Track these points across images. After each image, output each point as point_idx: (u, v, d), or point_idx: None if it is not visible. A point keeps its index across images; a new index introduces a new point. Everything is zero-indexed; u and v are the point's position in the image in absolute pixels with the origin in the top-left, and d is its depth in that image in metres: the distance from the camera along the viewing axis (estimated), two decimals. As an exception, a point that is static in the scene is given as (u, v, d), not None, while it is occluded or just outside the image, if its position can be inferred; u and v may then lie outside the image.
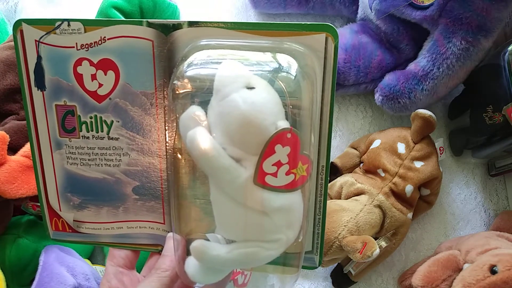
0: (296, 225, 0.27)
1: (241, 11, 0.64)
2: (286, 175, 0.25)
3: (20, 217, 0.49)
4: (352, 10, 0.59)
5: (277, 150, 0.24)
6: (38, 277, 0.43)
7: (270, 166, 0.24)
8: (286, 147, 0.24)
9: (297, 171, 0.25)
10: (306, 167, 0.25)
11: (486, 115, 0.51)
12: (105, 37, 0.28)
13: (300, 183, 0.25)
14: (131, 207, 0.32)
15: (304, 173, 0.25)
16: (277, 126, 0.24)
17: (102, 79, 0.29)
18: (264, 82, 0.25)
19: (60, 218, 0.33)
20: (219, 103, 0.25)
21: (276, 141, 0.24)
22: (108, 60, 0.29)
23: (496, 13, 0.48)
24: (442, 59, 0.50)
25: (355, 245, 0.44)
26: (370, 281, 0.58)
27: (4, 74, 0.47)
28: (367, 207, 0.49)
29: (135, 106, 0.30)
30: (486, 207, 0.60)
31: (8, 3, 0.64)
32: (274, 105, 0.25)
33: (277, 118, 0.25)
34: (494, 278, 0.40)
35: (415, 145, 0.52)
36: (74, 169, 0.32)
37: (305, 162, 0.25)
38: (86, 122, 0.30)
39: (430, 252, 0.57)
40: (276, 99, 0.25)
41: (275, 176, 0.25)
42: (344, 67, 0.55)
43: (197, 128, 0.25)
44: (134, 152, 0.31)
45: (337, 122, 0.61)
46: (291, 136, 0.24)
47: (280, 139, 0.24)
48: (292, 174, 0.25)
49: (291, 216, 0.26)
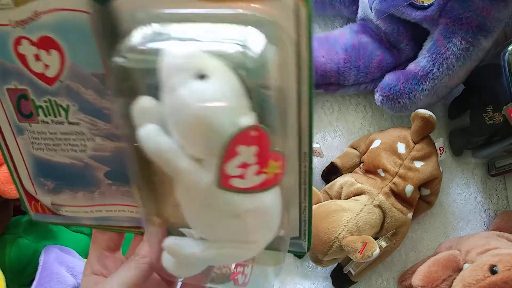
0: (273, 224, 0.25)
1: (241, 11, 0.64)
2: (256, 175, 0.22)
3: (20, 217, 0.49)
4: (352, 10, 0.59)
5: (241, 151, 0.21)
6: (38, 277, 0.43)
7: (234, 168, 0.21)
8: (252, 147, 0.21)
9: (269, 170, 0.22)
10: (279, 164, 0.22)
11: (486, 115, 0.51)
12: (39, 12, 0.25)
13: (274, 181, 0.23)
14: (106, 191, 0.31)
15: (278, 170, 0.22)
16: (237, 125, 0.20)
17: (47, 60, 0.26)
18: (220, 66, 0.21)
19: (38, 201, 0.32)
20: (168, 96, 0.21)
21: (237, 142, 0.21)
22: (48, 38, 0.26)
23: (496, 13, 0.48)
24: (442, 59, 0.50)
25: (355, 245, 0.44)
26: (370, 281, 0.58)
27: (4, 74, 0.46)
28: (367, 207, 0.48)
29: (88, 89, 0.27)
30: (486, 207, 0.60)
31: (8, 3, 0.64)
32: (233, 98, 0.21)
33: (237, 114, 0.21)
34: (494, 278, 0.40)
35: (415, 145, 0.52)
36: (41, 154, 0.30)
37: (278, 159, 0.22)
38: (42, 106, 0.28)
39: (430, 252, 0.57)
40: (235, 88, 0.21)
41: (242, 178, 0.21)
42: (344, 67, 0.55)
43: (148, 126, 0.22)
44: (98, 138, 0.29)
45: (337, 122, 0.61)
46: (257, 133, 0.21)
47: (242, 139, 0.21)
48: (263, 174, 0.22)
49: (267, 216, 0.24)
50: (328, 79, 0.56)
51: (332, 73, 0.55)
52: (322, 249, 0.47)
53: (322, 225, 0.47)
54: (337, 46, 0.55)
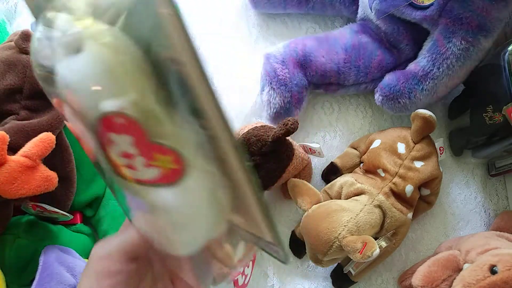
0: (187, 224, 0.22)
1: (241, 11, 0.64)
2: (146, 167, 0.19)
3: (20, 217, 0.49)
4: (352, 10, 0.59)
5: (114, 139, 0.18)
6: (38, 277, 0.43)
7: (119, 157, 0.19)
8: (123, 135, 0.18)
9: (160, 164, 0.19)
10: (171, 159, 0.19)
11: (486, 115, 0.51)
12: None
13: (174, 177, 0.20)
14: None
15: (173, 165, 0.19)
16: (98, 110, 0.18)
17: None
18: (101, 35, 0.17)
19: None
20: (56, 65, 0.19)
21: (105, 129, 0.18)
22: None
23: (496, 13, 0.48)
24: (442, 59, 0.50)
25: (355, 245, 0.44)
26: (370, 281, 0.58)
27: (4, 74, 0.46)
28: (367, 207, 0.48)
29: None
30: (486, 207, 0.60)
31: (8, 3, 0.64)
32: (100, 76, 0.17)
33: (100, 98, 0.17)
34: (494, 278, 0.40)
35: (415, 145, 0.52)
36: None
37: (166, 152, 0.19)
38: None
39: (430, 252, 0.57)
40: (105, 63, 0.17)
41: (132, 168, 0.19)
42: (344, 67, 0.55)
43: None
44: None
45: (337, 122, 0.61)
46: (124, 121, 0.18)
47: (108, 126, 0.18)
48: (155, 168, 0.19)
49: (176, 214, 0.21)
50: (328, 79, 0.56)
51: (332, 73, 0.55)
52: (322, 249, 0.47)
53: (322, 225, 0.47)
54: (337, 46, 0.55)
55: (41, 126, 0.46)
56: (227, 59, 0.61)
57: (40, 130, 0.45)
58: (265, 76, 0.55)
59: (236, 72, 0.61)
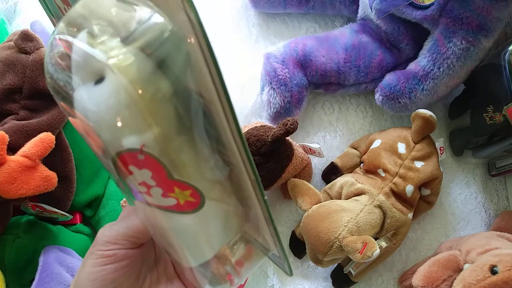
0: (198, 246, 0.23)
1: (241, 11, 0.64)
2: (164, 197, 0.20)
3: (19, 217, 0.49)
4: (352, 9, 0.59)
5: (134, 171, 0.19)
6: (38, 277, 0.43)
7: (137, 185, 0.19)
8: (144, 170, 0.18)
9: (178, 196, 0.20)
10: (189, 193, 0.20)
11: (486, 115, 0.51)
12: None
13: (189, 207, 0.20)
14: None
15: (190, 199, 0.20)
16: (120, 145, 0.17)
17: None
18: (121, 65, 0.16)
19: None
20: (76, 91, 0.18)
21: (125, 161, 0.18)
22: None
23: (497, 13, 0.48)
24: (443, 59, 0.50)
25: (355, 245, 0.44)
26: (370, 281, 0.58)
27: (4, 74, 0.46)
28: (367, 207, 0.48)
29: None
30: (487, 207, 0.60)
31: (8, 3, 0.63)
32: (124, 110, 0.16)
33: (122, 133, 0.17)
34: (495, 278, 0.40)
35: (416, 145, 0.51)
36: None
37: (184, 188, 0.20)
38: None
39: (430, 252, 0.57)
40: (130, 97, 0.16)
41: (149, 195, 0.20)
42: (344, 67, 0.55)
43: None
44: None
45: (337, 122, 0.61)
46: (144, 158, 0.18)
47: (130, 160, 0.18)
48: (172, 198, 0.20)
49: (188, 237, 0.22)
50: (328, 79, 0.56)
51: (332, 73, 0.55)
52: (322, 249, 0.47)
53: (322, 225, 0.47)
54: (337, 46, 0.55)
55: (41, 126, 0.46)
56: (227, 59, 0.61)
57: (40, 130, 0.45)
58: (265, 76, 0.55)
59: (236, 72, 0.61)
